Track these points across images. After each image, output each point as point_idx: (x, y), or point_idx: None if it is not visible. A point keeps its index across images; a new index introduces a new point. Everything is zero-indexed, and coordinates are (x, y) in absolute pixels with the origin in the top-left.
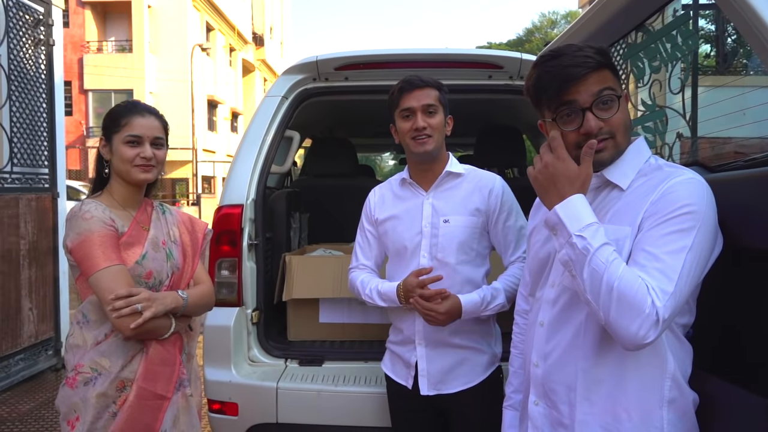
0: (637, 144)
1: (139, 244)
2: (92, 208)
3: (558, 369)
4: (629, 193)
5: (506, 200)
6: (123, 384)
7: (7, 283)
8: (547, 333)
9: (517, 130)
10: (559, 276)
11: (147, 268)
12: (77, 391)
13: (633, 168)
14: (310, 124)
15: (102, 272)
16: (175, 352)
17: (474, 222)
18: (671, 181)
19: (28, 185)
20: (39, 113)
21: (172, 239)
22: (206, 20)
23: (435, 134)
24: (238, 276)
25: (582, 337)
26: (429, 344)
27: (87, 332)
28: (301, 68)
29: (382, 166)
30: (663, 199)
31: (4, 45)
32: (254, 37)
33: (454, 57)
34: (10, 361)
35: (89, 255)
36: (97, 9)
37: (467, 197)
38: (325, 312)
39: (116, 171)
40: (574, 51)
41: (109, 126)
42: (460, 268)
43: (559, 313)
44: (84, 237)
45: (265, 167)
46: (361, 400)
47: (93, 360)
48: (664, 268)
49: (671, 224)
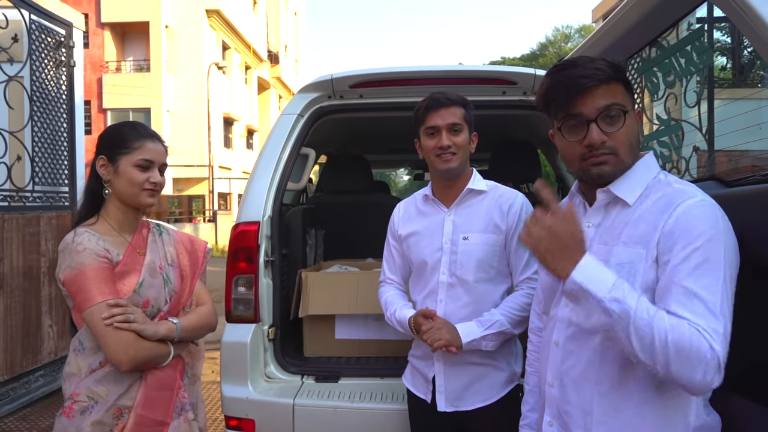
0: (646, 159)
1: (135, 271)
2: (85, 239)
3: (573, 391)
4: (638, 209)
5: (525, 218)
6: (120, 411)
7: (27, 300)
8: (562, 353)
9: (532, 145)
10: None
11: (144, 296)
12: (73, 421)
13: (641, 183)
14: (326, 142)
15: (95, 307)
16: (175, 375)
17: (493, 240)
18: (683, 204)
19: (48, 203)
20: (60, 133)
21: (169, 262)
22: (222, 39)
23: (459, 152)
24: (254, 292)
25: (599, 359)
26: (447, 361)
27: (82, 360)
28: (317, 86)
29: (396, 182)
30: (679, 226)
31: (27, 67)
32: (269, 55)
33: (467, 74)
34: (30, 378)
35: (82, 289)
36: (116, 30)
37: (487, 214)
38: (341, 328)
39: (118, 193)
40: (585, 62)
41: (116, 146)
42: (479, 286)
43: (575, 333)
44: (77, 271)
45: (281, 184)
46: (377, 416)
47: (89, 388)
48: (706, 305)
49: (698, 255)
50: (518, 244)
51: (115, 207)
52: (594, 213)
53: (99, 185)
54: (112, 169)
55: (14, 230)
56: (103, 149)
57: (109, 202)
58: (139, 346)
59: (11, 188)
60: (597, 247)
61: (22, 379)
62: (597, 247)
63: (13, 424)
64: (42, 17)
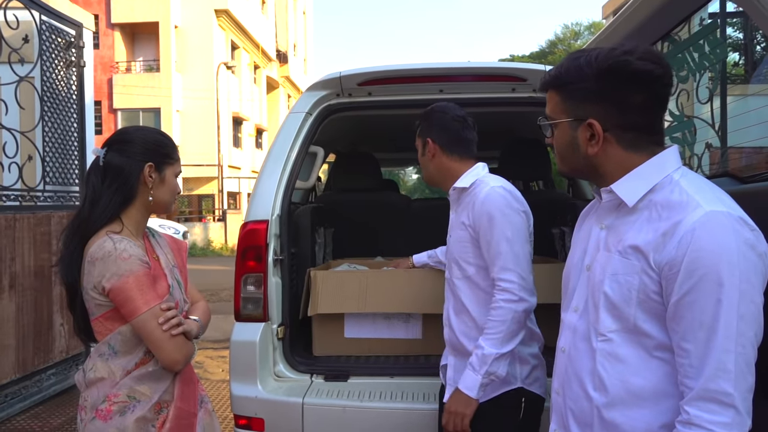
0: (662, 155)
1: (161, 275)
2: (127, 246)
3: (574, 402)
4: (640, 212)
5: (485, 211)
6: (160, 406)
7: (39, 300)
8: (566, 361)
9: (542, 143)
10: (582, 301)
11: (175, 298)
12: (112, 422)
13: (647, 182)
14: (334, 140)
15: (150, 312)
16: (192, 370)
17: (463, 236)
18: (687, 221)
19: (59, 203)
20: (70, 133)
21: (172, 264)
22: (231, 39)
23: (422, 168)
24: (263, 291)
25: (600, 371)
26: (456, 354)
27: (114, 364)
28: (325, 84)
29: (405, 181)
30: (681, 251)
31: (38, 67)
32: (278, 55)
33: (476, 70)
34: (42, 376)
35: (133, 297)
36: (126, 30)
37: (462, 211)
38: (350, 327)
39: (157, 200)
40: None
41: (165, 155)
42: (458, 283)
43: (578, 341)
44: (125, 279)
45: (289, 183)
46: (386, 415)
47: (131, 388)
48: (716, 377)
49: (707, 295)
50: (485, 240)
51: (138, 212)
52: (606, 213)
53: (135, 190)
54: (158, 177)
55: (25, 230)
56: (150, 156)
57: (134, 208)
58: (188, 345)
59: (22, 188)
60: (602, 254)
61: (33, 377)
62: (602, 253)
63: (25, 422)
64: (52, 18)
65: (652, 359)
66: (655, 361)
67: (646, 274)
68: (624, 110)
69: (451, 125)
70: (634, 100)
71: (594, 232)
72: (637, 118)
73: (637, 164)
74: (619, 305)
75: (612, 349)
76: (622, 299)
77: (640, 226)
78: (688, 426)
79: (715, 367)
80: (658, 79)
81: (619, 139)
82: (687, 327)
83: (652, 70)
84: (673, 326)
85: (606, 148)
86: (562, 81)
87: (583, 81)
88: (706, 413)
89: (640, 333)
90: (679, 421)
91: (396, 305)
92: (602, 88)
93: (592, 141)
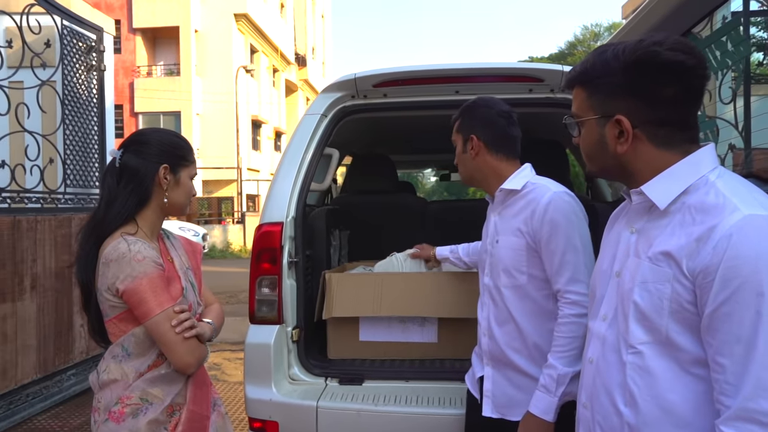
0: (697, 155)
1: (175, 277)
2: (141, 248)
3: (602, 417)
4: (672, 216)
5: (549, 219)
6: (173, 409)
7: (60, 301)
8: (594, 372)
9: (560, 145)
10: (612, 310)
11: (188, 300)
12: (125, 424)
13: (680, 183)
14: (350, 142)
15: (163, 315)
16: (205, 373)
17: (516, 243)
18: (723, 225)
19: (80, 205)
20: (91, 135)
21: (186, 266)
22: (250, 43)
23: (461, 167)
24: (278, 294)
25: (631, 385)
26: (496, 365)
27: (127, 365)
28: (340, 86)
29: (424, 183)
30: (716, 258)
31: (59, 71)
32: (297, 58)
33: (492, 71)
34: (62, 376)
35: (146, 299)
36: (147, 35)
37: (515, 216)
38: (365, 330)
39: (172, 202)
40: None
41: (180, 157)
42: (506, 292)
43: (607, 352)
44: (139, 281)
45: (304, 185)
46: (401, 420)
47: (144, 390)
48: (756, 396)
49: (745, 307)
50: (548, 249)
51: (153, 214)
52: (636, 216)
53: (150, 192)
54: (173, 179)
55: (47, 231)
56: (165, 158)
57: (149, 209)
58: (201, 348)
59: (44, 190)
60: (632, 260)
61: (54, 377)
62: (632, 259)
63: (46, 421)
64: (73, 23)
65: (687, 375)
66: (690, 377)
67: (678, 283)
68: (654, 105)
69: (497, 121)
70: (665, 94)
71: (624, 236)
72: (668, 113)
73: (670, 164)
74: (650, 316)
75: (643, 362)
76: (653, 309)
77: (672, 230)
78: None
79: (754, 384)
80: (691, 70)
81: (650, 136)
82: (723, 340)
83: (683, 60)
84: (708, 339)
85: (636, 146)
86: (588, 76)
87: (610, 75)
88: None
89: (674, 346)
90: None
91: (411, 309)
92: (630, 81)
93: (621, 139)
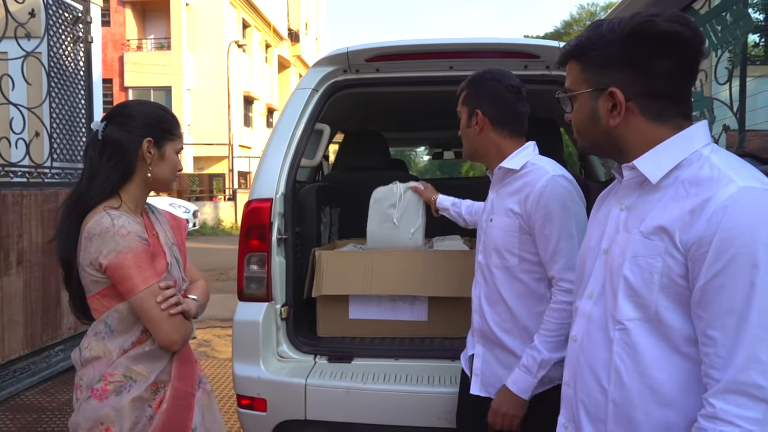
0: (689, 130)
1: (160, 253)
2: (125, 222)
3: (586, 395)
4: (665, 190)
5: (543, 204)
6: (157, 386)
7: (47, 276)
8: (578, 350)
9: (554, 122)
10: (599, 287)
11: (173, 276)
12: (107, 402)
13: (673, 157)
14: (341, 118)
15: (148, 291)
16: (190, 350)
17: (509, 224)
18: (718, 197)
19: (67, 180)
20: (78, 109)
21: (171, 241)
22: (242, 17)
23: (464, 140)
24: (267, 271)
25: (617, 362)
26: (486, 344)
27: (110, 342)
28: (332, 60)
29: (416, 161)
30: (711, 229)
31: (44, 42)
32: (290, 34)
33: (487, 46)
34: (50, 352)
35: (130, 274)
36: (137, 8)
37: (510, 196)
38: (355, 308)
39: (156, 177)
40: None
41: (165, 131)
42: (497, 272)
43: (593, 330)
44: (124, 255)
45: (294, 161)
46: (390, 398)
47: (127, 367)
48: (747, 368)
49: (739, 278)
50: (543, 234)
51: (137, 188)
52: (626, 192)
53: (134, 166)
54: (157, 153)
55: (33, 206)
56: (150, 132)
57: (133, 185)
58: (186, 325)
59: (30, 164)
60: (621, 236)
61: (42, 353)
62: (621, 235)
63: (34, 397)
64: None
65: (674, 353)
66: (678, 355)
67: (670, 256)
68: (650, 76)
69: (505, 96)
70: (662, 65)
71: (613, 214)
72: (665, 85)
73: (663, 138)
74: (639, 290)
75: (630, 339)
76: (643, 284)
77: (664, 204)
78: (712, 420)
79: (746, 357)
80: (687, 41)
81: (643, 109)
82: (715, 313)
83: (679, 31)
84: (699, 312)
85: (629, 119)
86: (583, 49)
87: (606, 47)
88: (735, 407)
89: (662, 323)
90: (703, 414)
91: (402, 287)
92: (626, 53)
93: (614, 112)
